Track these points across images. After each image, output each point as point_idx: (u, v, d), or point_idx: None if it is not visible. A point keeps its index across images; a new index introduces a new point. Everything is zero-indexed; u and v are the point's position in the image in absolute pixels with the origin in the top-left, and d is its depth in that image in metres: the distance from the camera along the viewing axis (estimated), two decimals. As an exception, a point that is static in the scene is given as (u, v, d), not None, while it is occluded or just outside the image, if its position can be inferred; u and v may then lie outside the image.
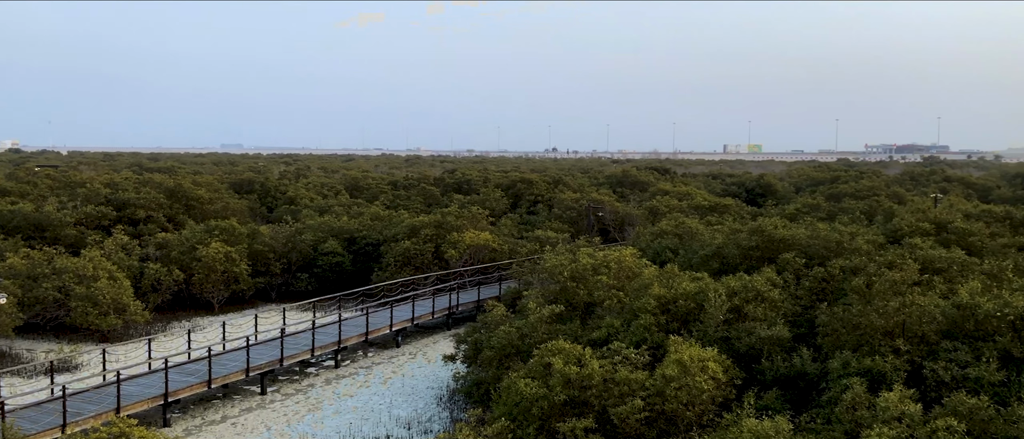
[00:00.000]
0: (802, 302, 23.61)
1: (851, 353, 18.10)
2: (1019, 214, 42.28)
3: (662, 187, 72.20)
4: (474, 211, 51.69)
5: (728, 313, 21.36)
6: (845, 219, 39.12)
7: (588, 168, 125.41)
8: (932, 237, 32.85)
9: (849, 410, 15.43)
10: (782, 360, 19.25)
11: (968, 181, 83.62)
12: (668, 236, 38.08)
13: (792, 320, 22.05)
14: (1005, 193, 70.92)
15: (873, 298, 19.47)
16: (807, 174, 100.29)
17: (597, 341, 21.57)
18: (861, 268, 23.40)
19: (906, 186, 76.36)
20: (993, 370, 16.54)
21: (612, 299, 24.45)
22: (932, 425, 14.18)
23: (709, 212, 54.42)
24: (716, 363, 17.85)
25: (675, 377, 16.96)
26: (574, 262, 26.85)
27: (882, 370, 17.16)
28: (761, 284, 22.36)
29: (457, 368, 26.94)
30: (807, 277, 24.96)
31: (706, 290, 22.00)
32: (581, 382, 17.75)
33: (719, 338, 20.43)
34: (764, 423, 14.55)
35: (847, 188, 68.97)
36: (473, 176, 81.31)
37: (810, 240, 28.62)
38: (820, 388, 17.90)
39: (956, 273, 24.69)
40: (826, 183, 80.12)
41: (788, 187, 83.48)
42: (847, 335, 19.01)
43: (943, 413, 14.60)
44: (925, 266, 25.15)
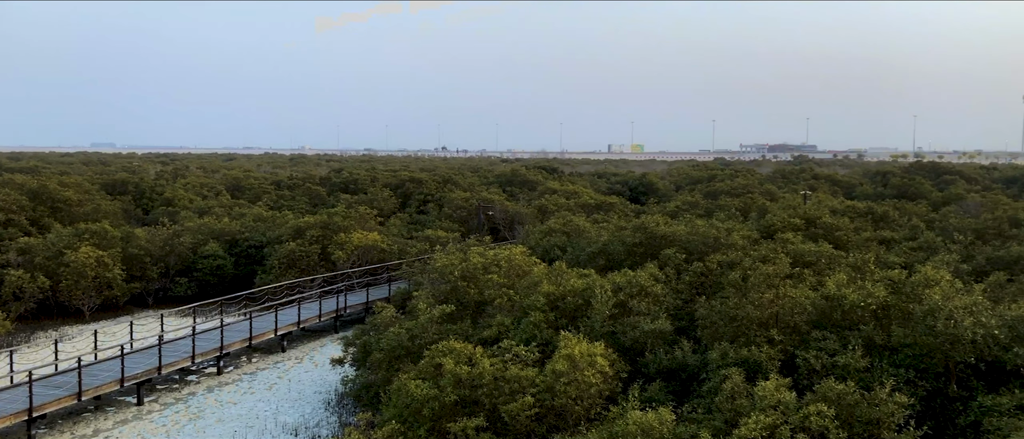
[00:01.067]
0: (683, 296, 24.48)
1: (729, 344, 18.91)
2: (879, 209, 45.21)
3: (550, 186, 73.26)
4: (362, 211, 50.95)
5: (614, 308, 21.89)
6: (722, 216, 40.76)
7: (478, 167, 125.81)
8: (802, 232, 34.73)
9: (728, 399, 16.09)
10: (665, 353, 19.89)
11: (834, 179, 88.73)
12: (557, 234, 38.67)
13: (674, 314, 22.82)
14: (867, 190, 75.66)
15: (749, 291, 20.39)
16: (686, 173, 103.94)
17: (488, 340, 21.67)
18: (737, 262, 24.47)
19: (778, 184, 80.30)
20: (858, 357, 17.64)
21: (503, 297, 24.61)
22: (805, 411, 14.98)
23: (595, 210, 55.61)
24: (603, 358, 18.26)
25: (564, 372, 17.24)
26: (465, 261, 26.87)
27: (758, 360, 18.00)
28: (645, 279, 23.03)
29: (345, 371, 26.49)
30: (687, 272, 25.90)
31: (593, 286, 22.48)
32: (472, 381, 17.79)
33: (606, 333, 20.91)
34: (648, 415, 14.99)
35: (723, 186, 71.90)
36: (361, 175, 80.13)
37: (690, 236, 29.68)
38: (701, 379, 18.59)
39: (824, 266, 26.16)
40: (704, 181, 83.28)
41: (669, 185, 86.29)
42: (725, 327, 19.83)
43: (814, 399, 15.45)
44: (796, 260, 26.53)
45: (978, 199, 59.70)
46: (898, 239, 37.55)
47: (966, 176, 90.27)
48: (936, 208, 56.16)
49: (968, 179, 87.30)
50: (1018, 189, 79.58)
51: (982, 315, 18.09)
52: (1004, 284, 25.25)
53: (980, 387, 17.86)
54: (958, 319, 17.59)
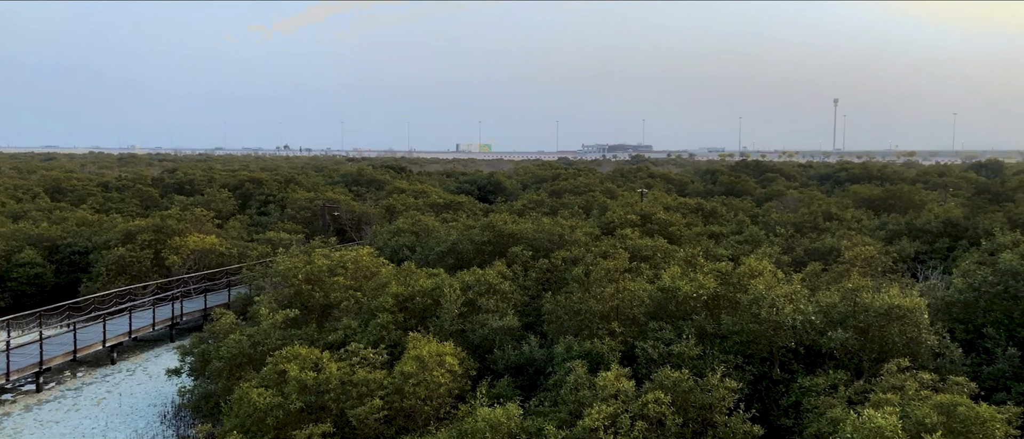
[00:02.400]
0: (530, 292, 25.00)
1: (573, 337, 19.49)
2: (709, 206, 47.95)
3: (398, 185, 72.70)
4: (198, 213, 48.56)
5: (463, 307, 22.03)
6: (566, 213, 41.98)
7: (323, 166, 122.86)
8: (640, 228, 36.32)
9: (572, 391, 16.59)
10: (513, 349, 20.24)
11: (669, 177, 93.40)
12: (405, 234, 38.44)
13: (522, 310, 23.26)
14: (698, 187, 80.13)
15: (591, 286, 21.10)
16: (533, 172, 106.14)
17: (335, 343, 21.23)
18: (580, 258, 25.27)
19: (617, 182, 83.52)
20: (692, 346, 18.66)
21: (350, 300, 24.19)
22: (644, 399, 15.68)
23: (444, 209, 55.73)
24: (453, 357, 18.33)
25: (413, 373, 17.18)
26: (309, 264, 26.19)
27: (601, 352, 18.66)
28: (493, 277, 23.33)
29: (183, 382, 25.16)
30: (534, 269, 26.47)
31: (442, 286, 22.52)
32: (318, 387, 17.38)
33: (455, 331, 21.01)
34: (496, 411, 15.21)
35: (567, 185, 73.99)
36: (197, 176, 76.27)
37: (536, 234, 30.35)
38: (547, 373, 19.05)
39: (660, 260, 27.49)
40: (549, 180, 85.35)
41: (516, 184, 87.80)
42: (570, 321, 20.43)
43: (652, 388, 16.20)
44: (634, 254, 27.72)
45: (796, 195, 64.66)
46: (726, 233, 40.02)
47: (786, 174, 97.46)
48: (760, 204, 60.35)
49: (787, 176, 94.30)
50: (831, 185, 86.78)
51: (800, 303, 19.61)
52: (819, 273, 27.44)
53: (800, 370, 19.33)
54: (779, 307, 18.98)
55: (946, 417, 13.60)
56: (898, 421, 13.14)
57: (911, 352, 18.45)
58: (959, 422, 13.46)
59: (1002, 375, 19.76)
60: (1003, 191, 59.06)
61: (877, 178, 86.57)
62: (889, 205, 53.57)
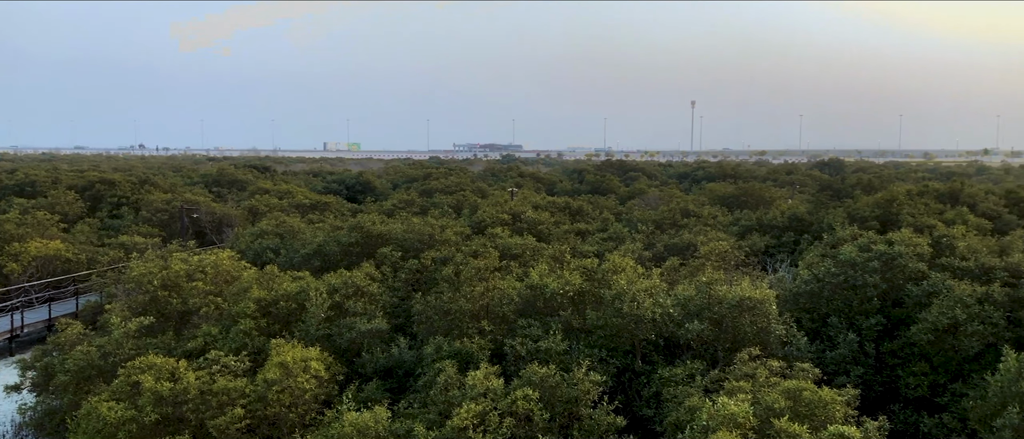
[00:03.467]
0: (400, 293, 24.80)
1: (443, 338, 19.49)
2: (576, 204, 49.08)
3: (262, 186, 70.36)
4: (40, 216, 45.31)
5: (330, 310, 21.59)
6: (436, 213, 41.92)
7: (181, 166, 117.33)
8: (510, 226, 36.75)
9: (442, 391, 16.59)
10: (382, 351, 20.02)
11: (538, 176, 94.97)
12: (269, 236, 37.24)
13: (391, 312, 23.04)
14: (566, 186, 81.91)
15: (461, 285, 21.16)
16: (403, 171, 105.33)
17: (194, 352, 20.32)
18: (450, 258, 25.29)
19: (488, 181, 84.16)
20: (559, 341, 19.05)
21: (210, 306, 23.20)
22: (512, 396, 15.88)
23: (311, 210, 54.40)
24: (318, 362, 17.93)
25: (277, 380, 16.68)
26: (166, 269, 24.92)
27: (470, 351, 18.75)
28: (361, 279, 22.98)
29: (23, 399, 23.38)
30: (403, 269, 26.27)
31: (308, 289, 21.98)
32: (175, 398, 16.59)
33: (322, 336, 20.56)
34: (364, 415, 15.01)
35: (438, 184, 73.90)
36: (40, 177, 71.05)
37: (406, 234, 30.14)
38: (417, 374, 18.97)
39: (529, 258, 27.91)
40: (420, 179, 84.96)
41: (386, 184, 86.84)
42: (440, 321, 20.41)
43: (520, 384, 16.43)
44: (504, 253, 28.02)
45: (657, 193, 67.22)
46: (592, 230, 41.12)
47: (648, 173, 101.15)
48: (623, 201, 62.35)
49: (649, 175, 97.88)
50: (689, 183, 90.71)
51: (660, 296, 20.40)
52: (678, 268, 28.64)
53: (660, 361, 20.11)
54: (640, 301, 19.67)
55: (793, 401, 14.50)
56: (749, 407, 13.90)
57: (761, 341, 19.56)
58: (804, 406, 14.38)
59: (843, 360, 21.28)
60: (843, 188, 63.63)
61: (731, 176, 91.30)
62: (742, 202, 56.57)
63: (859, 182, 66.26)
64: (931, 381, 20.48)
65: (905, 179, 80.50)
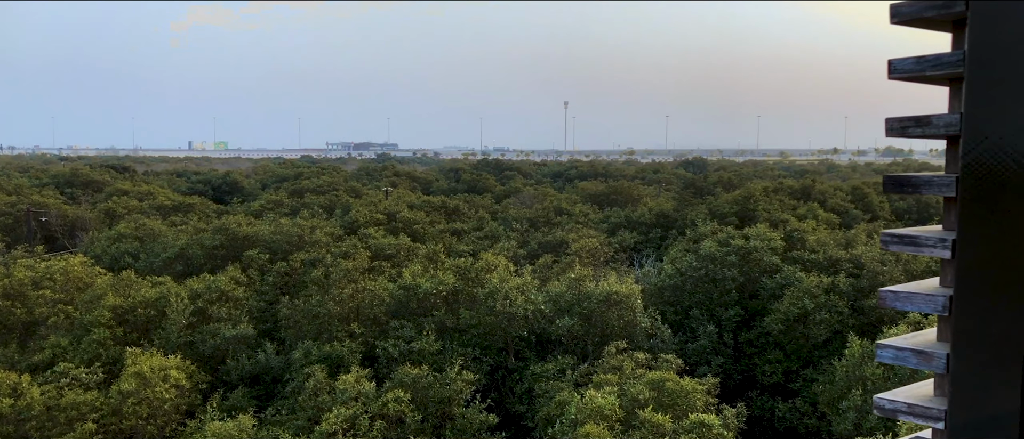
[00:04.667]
0: (268, 297, 24.04)
1: (312, 342, 19.04)
2: (451, 203, 49.10)
3: (121, 187, 66.52)
4: None
5: (192, 316, 20.68)
6: (307, 213, 40.89)
7: (29, 166, 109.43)
8: (384, 226, 36.32)
9: (311, 397, 16.21)
10: (248, 358, 19.36)
11: (414, 175, 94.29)
12: (127, 240, 35.26)
13: (258, 316, 22.30)
14: (442, 185, 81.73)
15: (331, 287, 20.74)
16: (273, 171, 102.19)
17: (41, 365, 18.99)
18: (320, 259, 24.75)
19: (362, 181, 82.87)
20: (432, 341, 18.98)
21: (59, 315, 21.75)
22: (384, 398, 15.69)
23: (173, 212, 51.87)
24: (179, 371, 17.13)
25: (134, 391, 15.82)
26: (7, 277, 23.17)
27: (340, 354, 18.41)
28: (225, 283, 22.14)
29: None
30: (271, 272, 25.50)
31: (168, 295, 20.98)
32: (18, 415, 15.43)
33: (184, 343, 19.67)
34: (227, 424, 14.46)
35: (309, 184, 72.11)
36: None
37: (274, 235, 29.26)
38: (285, 380, 18.45)
39: (404, 258, 27.67)
40: (291, 179, 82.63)
41: (255, 184, 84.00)
42: (308, 325, 19.93)
43: (392, 386, 16.27)
44: (377, 253, 27.67)
45: (532, 192, 68.15)
46: (468, 229, 41.22)
47: (523, 172, 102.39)
48: (499, 200, 62.85)
49: (525, 174, 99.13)
50: (562, 182, 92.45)
51: (531, 293, 20.69)
52: (551, 265, 29.15)
53: (533, 357, 20.41)
54: (513, 299, 19.89)
55: (656, 392, 15.03)
56: (616, 399, 14.31)
57: (628, 334, 20.18)
58: (667, 396, 14.93)
59: (704, 350, 22.26)
60: (706, 186, 66.49)
61: (602, 175, 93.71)
62: (612, 199, 58.17)
63: (720, 180, 69.43)
64: (785, 368, 21.72)
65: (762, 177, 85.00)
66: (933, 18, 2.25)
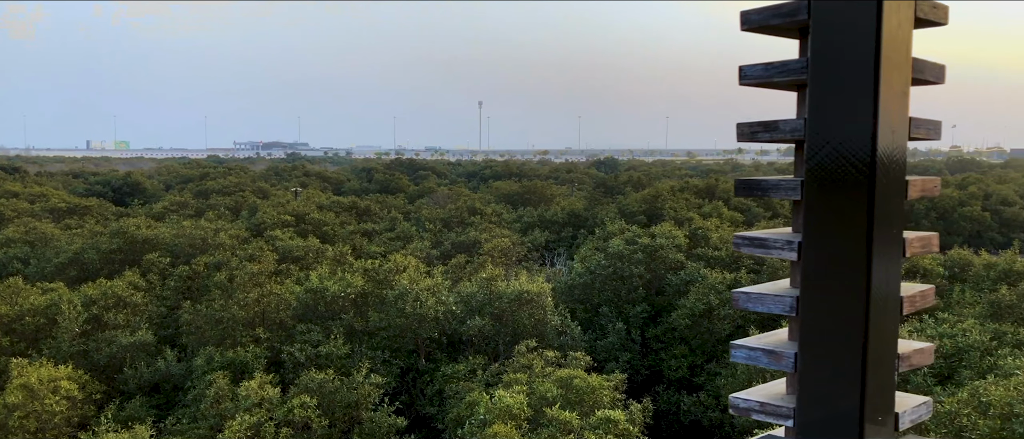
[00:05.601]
0: (169, 303, 23.21)
1: (215, 348, 18.48)
2: (363, 204, 48.49)
3: (10, 188, 63.04)
4: None
5: (86, 324, 19.78)
6: (212, 215, 39.68)
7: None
8: (293, 228, 35.55)
9: (213, 404, 15.73)
10: (147, 366, 18.65)
11: (325, 175, 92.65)
12: (17, 244, 33.43)
13: (159, 322, 21.52)
14: (355, 185, 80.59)
15: (235, 291, 20.18)
16: (177, 171, 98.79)
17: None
18: (225, 263, 24.05)
19: (271, 181, 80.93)
20: (340, 345, 18.69)
21: (-63, 325, 20.44)
22: (289, 404, 15.36)
23: (68, 215, 49.48)
24: (71, 381, 16.36)
25: (20, 404, 15.02)
26: None
27: (245, 360, 17.92)
28: (122, 289, 21.26)
29: None
30: (173, 276, 24.63)
31: (60, 302, 20.00)
32: None
33: (76, 353, 18.80)
34: (122, 435, 13.90)
35: (216, 185, 69.99)
36: None
37: (176, 238, 28.28)
38: (186, 387, 17.86)
39: (312, 260, 27.16)
40: (196, 180, 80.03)
41: (158, 185, 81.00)
42: (211, 330, 19.33)
43: (298, 392, 15.93)
44: (285, 255, 27.07)
45: (446, 191, 67.94)
46: (380, 230, 40.77)
47: (437, 172, 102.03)
48: (413, 200, 62.42)
49: (439, 174, 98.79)
50: (476, 182, 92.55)
51: (442, 294, 20.62)
52: (463, 265, 29.12)
53: (444, 358, 20.33)
54: (423, 300, 19.77)
55: (564, 389, 15.19)
56: (524, 398, 14.39)
57: (539, 333, 20.33)
58: (575, 393, 15.11)
59: (613, 347, 22.63)
60: (616, 185, 67.67)
61: (516, 175, 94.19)
62: (526, 199, 58.54)
63: (630, 180, 70.77)
64: (690, 363, 22.29)
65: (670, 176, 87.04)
66: (780, 26, 2.32)
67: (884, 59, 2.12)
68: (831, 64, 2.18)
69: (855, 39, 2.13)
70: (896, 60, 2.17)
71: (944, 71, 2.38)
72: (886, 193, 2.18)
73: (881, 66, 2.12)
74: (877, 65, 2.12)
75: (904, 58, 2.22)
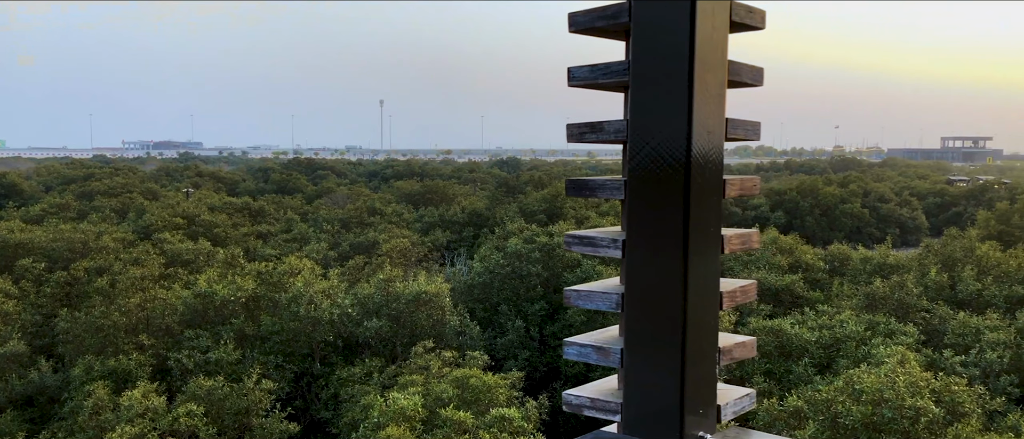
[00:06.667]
0: (45, 310, 21.97)
1: (95, 357, 17.61)
2: (257, 204, 47.22)
3: None
4: None
5: (-50, 335, 18.50)
6: (96, 218, 37.83)
7: None
8: (183, 230, 34.26)
9: (93, 416, 14.97)
10: (19, 378, 17.60)
11: (219, 176, 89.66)
12: None
13: (33, 332, 20.35)
14: (250, 185, 78.33)
15: (117, 297, 19.28)
16: (59, 172, 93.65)
17: None
18: (107, 267, 22.96)
19: (162, 182, 77.80)
20: (231, 350, 18.10)
21: None
22: (175, 413, 14.77)
23: (-66, 218, 46.20)
24: (-68, 397, 15.27)
25: None
26: None
27: (127, 369, 17.15)
28: (-8, 297, 20.01)
29: None
30: (49, 282, 23.32)
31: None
32: None
33: (-61, 366, 17.56)
34: (-10, 453, 13.06)
35: (101, 186, 66.72)
36: None
37: (53, 242, 26.81)
38: (63, 399, 16.94)
39: (202, 263, 26.23)
40: (79, 181, 76.08)
41: (37, 186, 76.60)
42: (91, 339, 18.41)
43: (185, 400, 15.35)
44: (173, 259, 26.06)
45: (346, 191, 66.89)
46: (275, 232, 39.76)
47: (337, 171, 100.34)
48: (311, 201, 61.17)
49: (339, 174, 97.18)
50: (378, 181, 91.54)
51: (338, 296, 20.26)
52: (362, 266, 28.71)
53: (340, 361, 19.98)
54: (318, 303, 19.38)
55: (460, 389, 15.17)
56: (420, 400, 14.29)
57: (437, 333, 20.24)
58: (471, 392, 15.11)
59: (512, 345, 22.76)
60: (518, 185, 68.14)
61: (418, 174, 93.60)
62: (427, 199, 58.24)
63: (532, 179, 71.38)
64: (587, 358, 22.63)
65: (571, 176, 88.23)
66: (605, 28, 2.35)
67: (698, 61, 2.18)
68: (649, 66, 2.23)
69: (671, 42, 2.18)
70: (711, 62, 2.23)
71: (762, 74, 2.46)
72: (702, 192, 2.25)
73: (695, 68, 2.17)
74: (691, 67, 2.17)
75: (720, 60, 2.28)
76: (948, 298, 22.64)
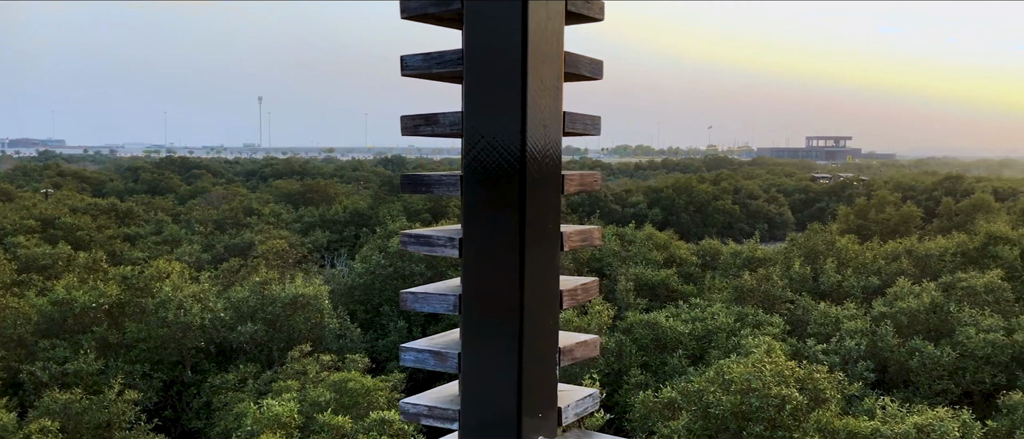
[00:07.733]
0: None
1: (-64, 372, 16.22)
2: (124, 206, 44.81)
3: None
4: None
5: None
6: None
7: None
8: (40, 234, 32.08)
9: (-69, 437, 13.75)
10: None
11: (84, 175, 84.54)
12: None
13: None
14: (118, 186, 74.25)
15: (-39, 307, 17.83)
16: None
17: None
18: (-49, 275, 21.20)
19: (18, 182, 72.67)
20: (92, 360, 17.04)
21: None
22: (25, 430, 13.75)
23: None
24: None
25: None
26: None
27: (-27, 384, 15.87)
28: None
29: None
30: None
31: None
32: None
33: None
34: None
35: (-54, 186, 61.68)
36: None
37: None
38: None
39: (61, 268, 24.62)
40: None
41: None
42: (-69, 353, 16.94)
43: (38, 415, 14.32)
44: (28, 264, 24.36)
45: (222, 191, 64.38)
46: (144, 234, 37.81)
47: (213, 170, 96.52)
48: (184, 201, 58.57)
49: (215, 173, 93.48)
50: (256, 181, 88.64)
51: (210, 301, 19.42)
52: (237, 269, 27.67)
53: (213, 368, 19.17)
54: (188, 308, 18.52)
55: (338, 393, 14.82)
56: (296, 405, 13.86)
57: (316, 337, 19.74)
58: (349, 396, 14.79)
59: (394, 347, 22.45)
60: (402, 183, 67.46)
61: (299, 173, 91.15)
62: (308, 198, 56.77)
63: (417, 177, 70.84)
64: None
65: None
66: (438, 15, 2.22)
67: (532, 52, 2.08)
68: (482, 56, 2.13)
69: (504, 31, 2.08)
70: (546, 53, 2.14)
71: (601, 67, 2.38)
72: (539, 187, 2.17)
73: (528, 59, 2.08)
74: (524, 58, 2.08)
75: (555, 52, 2.19)
76: (811, 289, 23.91)
